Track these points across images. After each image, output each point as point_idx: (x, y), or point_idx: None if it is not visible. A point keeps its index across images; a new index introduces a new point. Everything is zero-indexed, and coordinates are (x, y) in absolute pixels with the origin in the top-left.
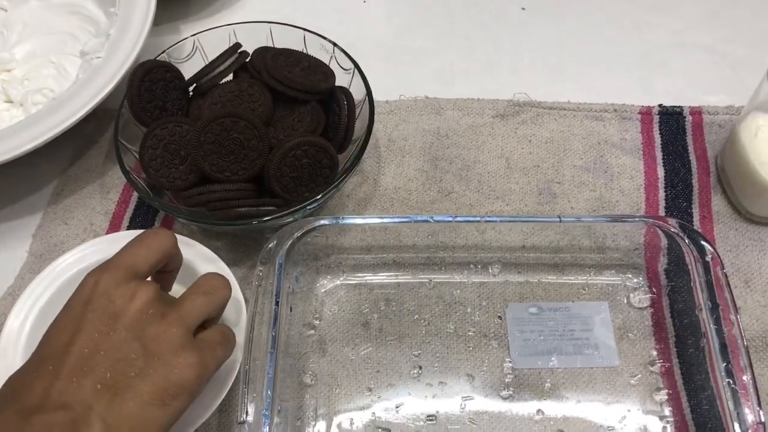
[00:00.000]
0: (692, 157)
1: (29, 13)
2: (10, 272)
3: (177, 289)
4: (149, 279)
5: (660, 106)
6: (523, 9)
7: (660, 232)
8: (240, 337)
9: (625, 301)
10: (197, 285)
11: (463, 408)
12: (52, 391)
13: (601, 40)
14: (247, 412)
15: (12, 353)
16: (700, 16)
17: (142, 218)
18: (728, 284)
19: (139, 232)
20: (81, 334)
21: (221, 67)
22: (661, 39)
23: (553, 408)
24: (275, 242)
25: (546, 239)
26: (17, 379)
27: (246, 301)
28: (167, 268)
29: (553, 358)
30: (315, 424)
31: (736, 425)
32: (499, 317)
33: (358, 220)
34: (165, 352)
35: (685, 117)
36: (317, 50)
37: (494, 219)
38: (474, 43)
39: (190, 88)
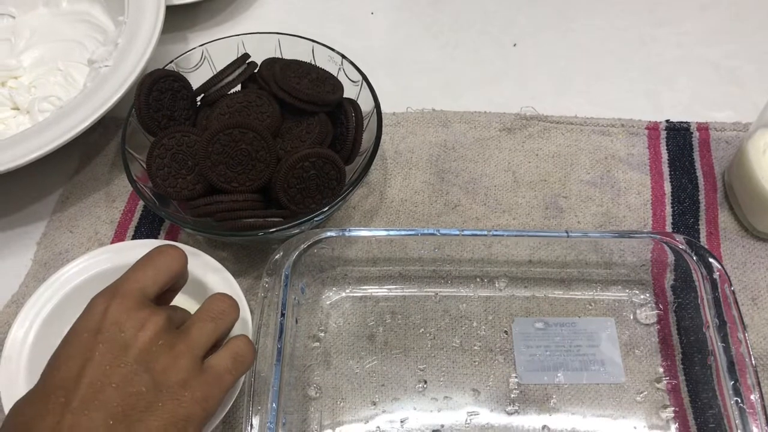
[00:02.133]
0: (699, 173)
1: (37, 20)
2: (14, 280)
3: (182, 300)
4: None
5: (667, 121)
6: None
7: (667, 248)
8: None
9: (632, 317)
10: (206, 309)
11: (468, 423)
12: (63, 425)
13: (608, 54)
14: (251, 425)
15: (16, 362)
16: (708, 31)
17: (147, 227)
18: (736, 302)
19: (143, 242)
20: (91, 365)
21: (229, 78)
22: (668, 54)
23: (558, 424)
24: (281, 253)
25: (553, 254)
26: (26, 408)
27: (251, 312)
28: (172, 288)
29: (559, 374)
30: None
31: None
32: (506, 332)
33: (365, 233)
34: (173, 386)
35: (692, 133)
36: (325, 62)
37: (501, 233)
38: (481, 55)
39: (198, 98)
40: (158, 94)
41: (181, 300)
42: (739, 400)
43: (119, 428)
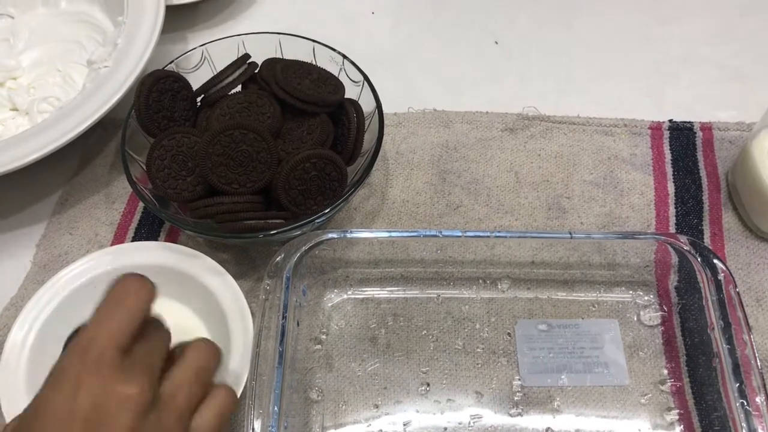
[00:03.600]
0: (703, 173)
1: (36, 20)
2: (13, 282)
3: (182, 306)
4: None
5: (670, 121)
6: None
7: (671, 249)
8: (247, 352)
9: (636, 318)
10: (191, 368)
11: (471, 426)
12: None
13: (610, 53)
14: (253, 429)
15: (15, 365)
16: (711, 30)
17: (147, 229)
18: (741, 303)
19: (142, 244)
20: None
21: (230, 78)
22: (671, 53)
23: (562, 426)
24: (283, 255)
25: (556, 255)
26: None
27: (252, 314)
28: None
29: (562, 376)
30: None
31: None
32: (508, 334)
33: (366, 234)
34: None
35: (695, 133)
36: (326, 62)
37: (504, 234)
38: (483, 54)
39: (198, 99)
40: (158, 94)
41: (181, 306)
42: (745, 403)
43: None
